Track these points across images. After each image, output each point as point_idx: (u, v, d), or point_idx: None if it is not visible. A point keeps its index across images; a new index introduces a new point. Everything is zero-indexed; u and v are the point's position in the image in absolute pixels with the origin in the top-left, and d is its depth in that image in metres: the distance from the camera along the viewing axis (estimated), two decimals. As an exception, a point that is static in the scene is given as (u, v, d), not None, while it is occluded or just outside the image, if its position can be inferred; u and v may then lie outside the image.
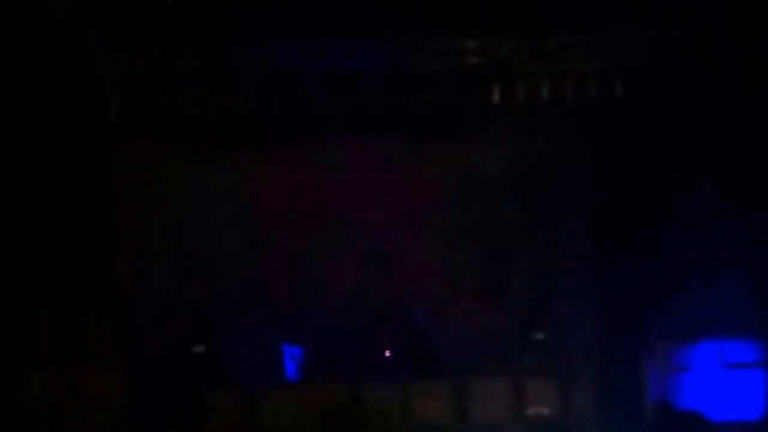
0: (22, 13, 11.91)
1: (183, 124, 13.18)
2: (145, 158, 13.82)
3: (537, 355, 13.57)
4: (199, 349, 13.57)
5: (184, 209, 13.98)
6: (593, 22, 12.44)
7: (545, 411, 12.86)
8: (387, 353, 13.86)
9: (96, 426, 12.32)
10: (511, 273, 14.27)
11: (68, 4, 12.07)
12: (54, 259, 12.67)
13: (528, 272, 14.22)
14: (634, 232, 13.17)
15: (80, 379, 12.53)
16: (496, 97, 13.08)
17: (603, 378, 13.35)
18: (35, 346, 12.50)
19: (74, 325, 12.65)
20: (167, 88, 12.91)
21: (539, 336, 13.72)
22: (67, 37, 12.26)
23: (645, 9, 12.33)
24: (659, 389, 12.64)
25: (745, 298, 12.45)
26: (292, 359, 13.86)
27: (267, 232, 14.20)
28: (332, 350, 13.76)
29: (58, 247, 12.71)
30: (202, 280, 13.95)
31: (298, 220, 14.29)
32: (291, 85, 12.94)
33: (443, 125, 13.64)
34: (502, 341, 13.86)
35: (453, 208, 14.33)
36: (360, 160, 14.13)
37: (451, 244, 14.29)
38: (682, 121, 12.75)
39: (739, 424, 12.07)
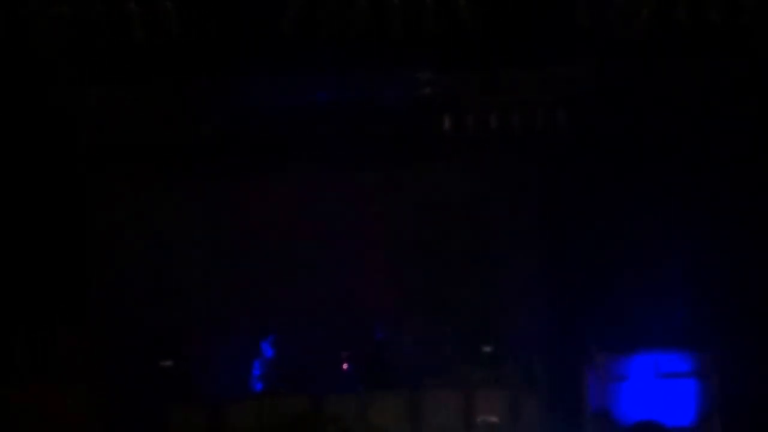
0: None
1: (153, 150, 13.61)
2: (116, 183, 14.25)
3: (486, 367, 14.02)
4: (167, 363, 13.98)
5: (153, 231, 14.39)
6: (539, 57, 13.03)
7: (494, 419, 13.37)
8: (345, 366, 14.31)
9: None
10: (463, 290, 14.61)
11: (44, 38, 12.41)
12: (28, 281, 13.08)
13: (478, 289, 14.59)
14: (576, 252, 13.78)
15: (54, 394, 12.98)
16: (447, 125, 13.62)
17: (547, 388, 13.84)
18: (11, 364, 12.95)
19: (48, 343, 13.07)
20: (138, 117, 13.34)
21: (488, 349, 14.14)
22: (41, 70, 12.62)
23: (586, 46, 12.90)
24: (599, 398, 13.28)
25: (677, 314, 13.15)
26: (255, 372, 14.31)
27: (232, 253, 14.58)
28: (293, 363, 14.21)
29: (32, 269, 13.11)
30: (169, 298, 14.30)
31: (261, 242, 14.64)
32: (256, 115, 13.43)
33: (399, 152, 14.07)
34: (454, 354, 14.31)
35: (409, 229, 14.73)
36: (321, 184, 14.57)
37: (406, 262, 14.70)
38: (621, 149, 13.44)
39: (673, 430, 12.76)
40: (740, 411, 12.93)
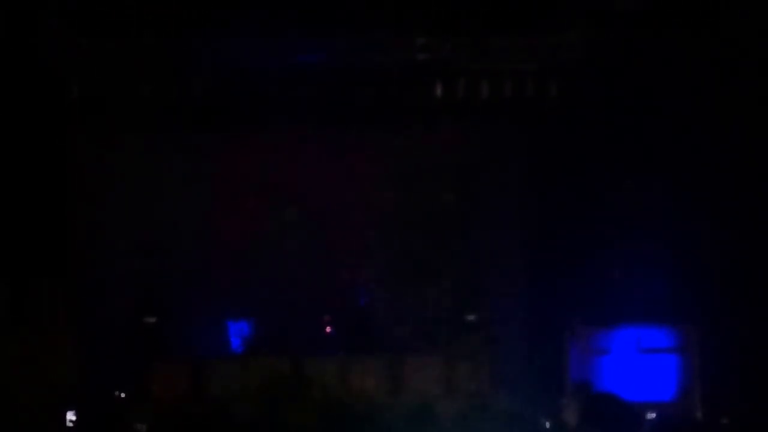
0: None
1: (140, 108, 13.61)
2: (102, 139, 14.26)
3: (468, 335, 14.05)
4: (151, 320, 14.05)
5: (139, 188, 14.41)
6: (531, 26, 13.03)
7: (474, 387, 13.36)
8: (327, 329, 14.38)
9: (50, 390, 12.81)
10: (447, 257, 14.69)
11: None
12: (13, 233, 13.11)
13: (463, 257, 14.64)
14: (561, 224, 13.78)
15: (37, 345, 13.02)
16: (438, 91, 13.62)
17: (529, 358, 13.93)
18: (-5, 314, 12.99)
19: (31, 295, 13.10)
20: (126, 74, 13.35)
21: (471, 318, 14.17)
22: (30, 23, 12.60)
23: (579, 15, 12.90)
24: (580, 370, 13.27)
25: (660, 289, 13.09)
26: (237, 332, 14.37)
27: (217, 212, 14.63)
28: (276, 325, 14.27)
29: (16, 221, 13.14)
30: (154, 255, 14.36)
31: (247, 201, 14.67)
32: (245, 75, 13.42)
33: (389, 116, 14.07)
34: (436, 321, 14.39)
35: (394, 194, 14.75)
36: (308, 146, 14.56)
37: (391, 228, 14.74)
38: (611, 122, 13.42)
39: (653, 405, 12.77)
40: (720, 386, 12.93)
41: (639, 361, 13.25)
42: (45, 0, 12.38)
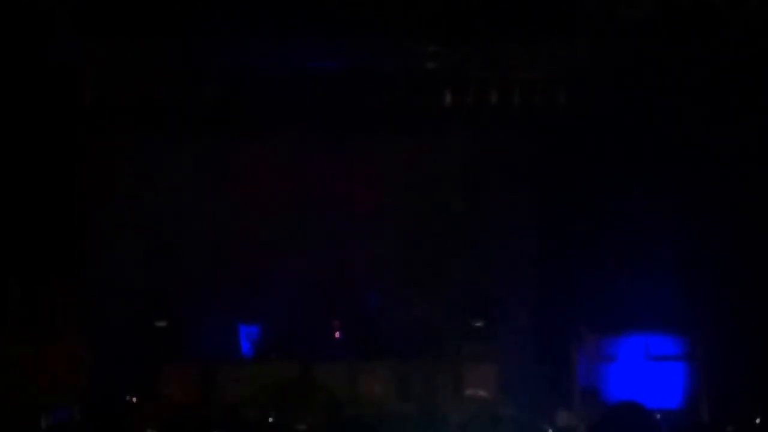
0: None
1: (152, 110, 13.69)
2: (114, 141, 14.35)
3: (476, 341, 14.12)
4: (160, 323, 14.12)
5: (150, 191, 14.48)
6: (540, 34, 13.08)
7: (482, 394, 13.49)
8: (336, 334, 14.43)
9: (61, 394, 12.87)
10: (455, 263, 14.72)
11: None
12: (24, 237, 13.19)
13: (471, 264, 14.68)
14: (569, 231, 13.83)
15: (47, 347, 13.10)
16: (448, 99, 13.70)
17: (536, 365, 13.92)
18: (6, 318, 13.05)
19: (43, 299, 13.18)
20: (139, 76, 13.44)
21: (479, 324, 14.25)
22: (43, 24, 12.69)
23: (587, 24, 12.97)
24: (587, 377, 13.33)
25: (668, 296, 13.08)
26: (247, 337, 14.44)
27: (228, 215, 14.67)
28: (285, 330, 14.32)
29: (28, 225, 13.22)
30: (164, 258, 14.42)
31: (257, 205, 14.75)
32: (256, 79, 13.51)
33: (399, 123, 14.13)
34: (444, 327, 14.37)
35: (403, 200, 14.81)
36: (317, 151, 14.64)
37: (400, 233, 14.77)
38: (618, 129, 13.48)
39: (660, 413, 12.81)
40: (728, 395, 12.95)
41: (646, 369, 13.29)
42: (56, 1, 12.42)
